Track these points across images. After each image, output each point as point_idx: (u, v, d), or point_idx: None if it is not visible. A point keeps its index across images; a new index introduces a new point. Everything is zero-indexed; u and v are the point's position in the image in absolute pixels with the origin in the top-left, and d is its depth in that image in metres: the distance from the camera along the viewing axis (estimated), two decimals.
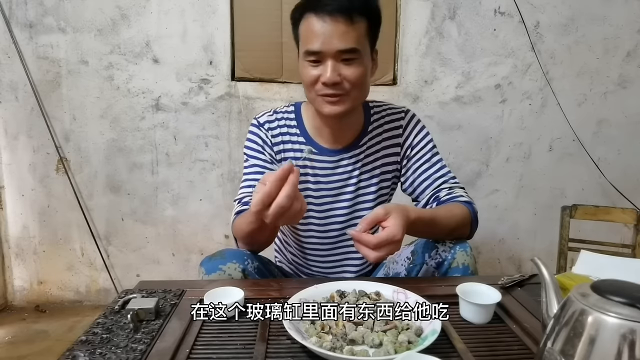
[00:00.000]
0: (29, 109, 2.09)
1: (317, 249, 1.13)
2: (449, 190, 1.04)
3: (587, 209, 1.53)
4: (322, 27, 0.91)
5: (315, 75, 0.94)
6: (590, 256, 0.97)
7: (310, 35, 0.93)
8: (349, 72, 0.94)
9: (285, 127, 1.08)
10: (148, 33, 2.06)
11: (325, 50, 0.92)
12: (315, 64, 0.94)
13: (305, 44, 0.95)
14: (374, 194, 1.09)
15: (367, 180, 1.09)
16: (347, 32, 0.91)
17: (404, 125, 1.10)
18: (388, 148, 1.10)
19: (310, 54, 0.94)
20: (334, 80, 0.92)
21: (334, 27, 0.90)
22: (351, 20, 0.91)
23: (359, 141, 1.08)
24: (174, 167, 2.18)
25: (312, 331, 0.68)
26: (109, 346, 0.65)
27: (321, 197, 1.08)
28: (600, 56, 2.17)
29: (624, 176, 2.25)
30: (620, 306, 0.45)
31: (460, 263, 0.94)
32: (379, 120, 1.10)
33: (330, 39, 0.91)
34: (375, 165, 1.09)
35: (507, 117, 2.21)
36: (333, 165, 1.07)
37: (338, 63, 0.93)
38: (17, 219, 2.19)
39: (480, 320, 0.74)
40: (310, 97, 1.00)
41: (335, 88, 0.94)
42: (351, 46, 0.92)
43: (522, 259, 2.35)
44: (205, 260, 0.95)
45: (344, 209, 1.09)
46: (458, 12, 2.10)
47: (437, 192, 1.05)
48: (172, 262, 2.26)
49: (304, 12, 0.95)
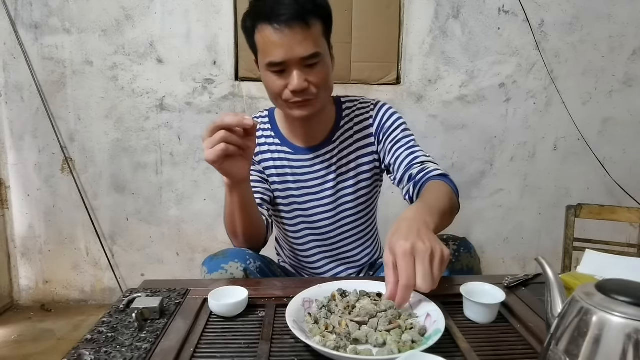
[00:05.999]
0: (34, 109, 2.11)
1: (316, 247, 1.14)
2: (421, 166, 1.01)
3: (592, 208, 1.52)
4: (281, 38, 0.89)
5: (281, 85, 0.94)
6: (596, 256, 0.97)
7: (270, 47, 0.91)
8: (314, 76, 0.94)
9: (261, 130, 1.12)
10: (152, 33, 2.07)
11: (289, 60, 0.91)
12: (280, 74, 0.93)
13: (266, 55, 0.93)
14: (354, 187, 1.10)
15: (344, 174, 1.09)
16: (306, 38, 0.90)
17: (374, 115, 1.10)
18: (361, 140, 1.10)
19: (273, 65, 0.92)
20: (302, 87, 0.92)
21: (293, 35, 0.89)
22: (307, 25, 0.90)
23: (332, 137, 1.09)
24: (178, 167, 2.19)
25: (315, 330, 0.68)
26: (114, 345, 0.66)
27: (303, 195, 1.10)
28: (605, 54, 2.16)
29: (630, 175, 2.24)
30: (625, 306, 0.44)
31: (465, 265, 0.94)
32: (350, 115, 1.11)
33: (291, 48, 0.90)
34: (351, 158, 1.09)
35: (512, 116, 2.20)
36: (310, 164, 1.09)
37: (302, 69, 0.92)
38: (22, 218, 2.21)
39: (484, 320, 0.74)
40: (279, 104, 1.00)
41: (303, 94, 0.94)
42: (313, 51, 0.91)
43: (527, 258, 2.34)
44: (207, 260, 0.96)
45: (328, 204, 1.10)
46: (462, 11, 2.10)
47: (410, 169, 1.02)
48: (177, 262, 2.27)
49: (256, 23, 0.92)
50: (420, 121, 2.17)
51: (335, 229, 1.12)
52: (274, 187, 1.11)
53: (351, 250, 1.16)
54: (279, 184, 1.10)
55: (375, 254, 1.22)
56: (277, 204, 1.12)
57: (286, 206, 1.11)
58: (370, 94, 2.10)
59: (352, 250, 1.16)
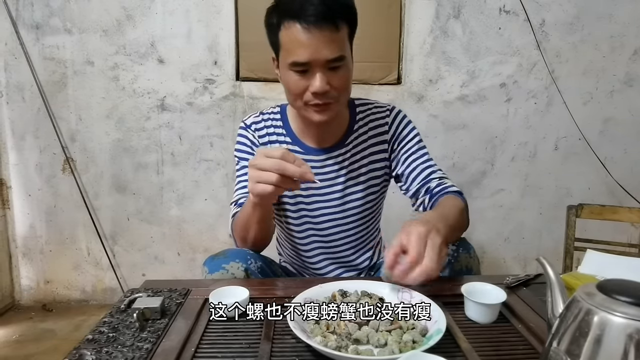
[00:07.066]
0: (35, 109, 2.11)
1: (318, 248, 1.14)
2: (439, 180, 1.03)
3: (593, 208, 1.52)
4: (309, 38, 0.87)
5: (303, 85, 0.93)
6: (597, 256, 0.97)
7: (296, 46, 0.89)
8: (337, 79, 0.93)
9: (272, 127, 1.09)
10: (153, 33, 2.07)
11: (314, 61, 0.90)
12: (302, 74, 0.92)
13: (290, 54, 0.91)
14: (363, 192, 1.09)
15: (354, 179, 1.09)
16: (334, 41, 0.89)
17: (390, 122, 1.09)
18: (375, 145, 1.09)
19: (297, 64, 0.91)
20: (324, 89, 0.91)
21: (321, 37, 0.88)
22: (336, 27, 0.89)
23: (344, 140, 1.08)
24: (179, 167, 2.19)
25: (317, 331, 0.68)
26: (115, 345, 0.66)
27: (311, 195, 1.09)
28: (606, 54, 2.15)
29: (631, 175, 2.23)
30: (627, 306, 0.44)
31: (464, 265, 0.94)
32: (365, 119, 1.10)
33: (317, 50, 0.88)
34: (363, 163, 1.09)
35: (513, 116, 2.20)
36: (320, 165, 1.08)
37: (326, 71, 0.91)
38: (24, 218, 2.21)
39: (485, 320, 0.74)
40: (297, 105, 0.98)
41: (324, 97, 0.93)
42: (338, 54, 0.90)
43: (528, 258, 2.34)
44: (208, 260, 0.96)
45: (335, 207, 1.09)
46: (463, 11, 2.09)
47: (427, 183, 1.04)
48: (178, 262, 2.27)
49: (282, 19, 0.91)
50: (421, 121, 2.17)
51: (340, 232, 1.12)
52: None
53: (353, 253, 1.15)
54: None
55: (377, 259, 1.21)
56: (283, 202, 1.11)
57: (292, 205, 1.10)
58: (371, 94, 2.10)
59: (354, 254, 1.15)
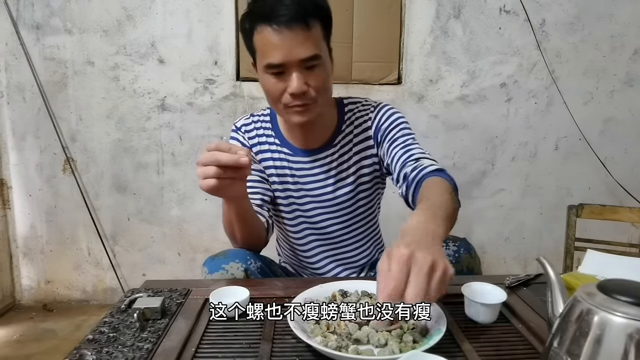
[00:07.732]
0: (36, 109, 2.11)
1: (317, 246, 1.14)
2: (415, 163, 0.96)
3: (594, 208, 1.52)
4: (281, 39, 0.87)
5: (280, 88, 0.92)
6: (597, 256, 0.97)
7: (269, 48, 0.89)
8: (314, 79, 0.92)
9: (262, 129, 1.10)
10: (153, 34, 2.07)
11: (288, 62, 0.89)
12: (278, 76, 0.92)
13: (264, 57, 0.91)
14: (353, 192, 1.09)
15: (343, 180, 1.09)
16: (306, 40, 0.89)
17: (373, 117, 1.08)
18: (362, 143, 1.09)
19: (272, 67, 0.91)
20: (301, 90, 0.91)
21: (293, 37, 0.88)
22: (308, 26, 0.89)
23: (332, 141, 1.08)
24: (180, 167, 2.19)
25: (317, 331, 0.68)
26: (115, 345, 0.66)
27: (303, 196, 1.09)
28: (606, 54, 2.15)
29: (631, 175, 2.23)
30: (627, 306, 0.44)
31: (465, 266, 0.94)
32: (352, 118, 1.09)
33: (290, 50, 0.88)
34: (351, 163, 1.08)
35: (513, 116, 2.20)
36: (309, 166, 1.08)
37: (302, 71, 0.91)
38: (24, 218, 2.21)
39: (485, 320, 0.74)
40: (278, 108, 0.98)
41: (302, 98, 0.92)
42: (313, 53, 0.90)
43: (528, 258, 2.34)
44: (208, 260, 0.96)
45: (328, 207, 1.10)
46: (463, 11, 2.09)
47: (404, 168, 0.98)
48: (178, 262, 2.27)
49: (255, 23, 0.91)
50: (422, 121, 2.17)
51: (337, 229, 1.12)
52: (274, 187, 1.10)
53: (352, 250, 1.16)
54: (278, 184, 1.10)
55: (376, 254, 1.22)
56: (278, 204, 1.12)
57: (286, 206, 1.11)
58: (371, 94, 2.10)
59: (354, 251, 1.16)
